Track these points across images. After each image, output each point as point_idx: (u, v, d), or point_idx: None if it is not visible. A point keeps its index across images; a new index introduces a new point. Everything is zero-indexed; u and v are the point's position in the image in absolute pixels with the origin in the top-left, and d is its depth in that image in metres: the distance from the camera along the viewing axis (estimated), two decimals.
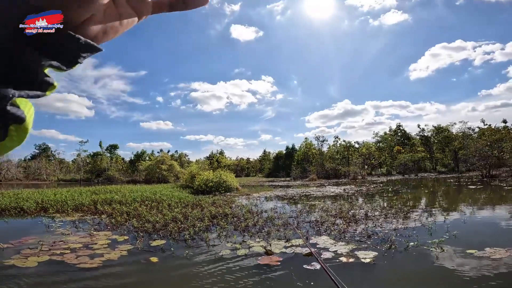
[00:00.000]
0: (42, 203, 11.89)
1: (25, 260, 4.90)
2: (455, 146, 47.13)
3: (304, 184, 31.50)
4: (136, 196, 13.85)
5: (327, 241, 6.05)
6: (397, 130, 60.32)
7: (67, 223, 8.73)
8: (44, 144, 64.69)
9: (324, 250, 5.42)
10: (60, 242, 6.18)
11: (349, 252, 5.27)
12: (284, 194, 18.54)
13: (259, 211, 10.19)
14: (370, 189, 20.78)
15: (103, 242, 6.13)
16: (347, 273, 4.41)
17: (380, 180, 35.17)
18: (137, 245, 5.91)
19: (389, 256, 5.09)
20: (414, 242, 5.75)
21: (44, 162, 53.76)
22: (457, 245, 5.48)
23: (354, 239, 6.26)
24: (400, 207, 10.68)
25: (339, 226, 7.45)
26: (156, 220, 8.14)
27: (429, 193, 18.92)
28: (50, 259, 5.01)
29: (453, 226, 7.08)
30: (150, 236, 6.82)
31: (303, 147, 57.02)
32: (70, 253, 5.37)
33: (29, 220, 9.72)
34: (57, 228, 7.85)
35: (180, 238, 6.61)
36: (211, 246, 5.90)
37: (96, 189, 18.38)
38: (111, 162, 57.26)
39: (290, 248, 5.60)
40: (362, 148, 57.92)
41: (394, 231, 6.87)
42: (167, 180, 42.58)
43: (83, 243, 6.10)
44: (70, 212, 10.62)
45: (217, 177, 20.96)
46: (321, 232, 6.99)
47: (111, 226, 7.99)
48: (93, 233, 7.04)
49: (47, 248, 5.65)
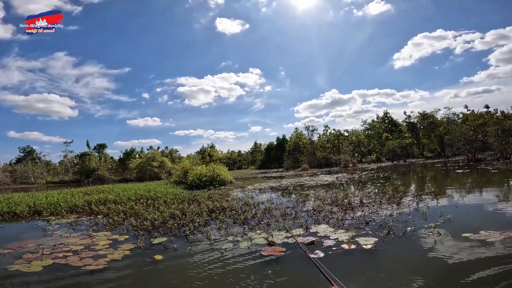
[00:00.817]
0: (35, 206, 11.65)
1: (29, 265, 4.82)
2: (440, 131, 48.36)
3: (297, 174, 31.81)
4: (130, 195, 13.71)
5: (327, 230, 6.19)
6: (384, 118, 61.35)
7: (63, 225, 8.61)
8: (29, 147, 62.90)
9: (325, 238, 5.55)
10: (60, 245, 6.09)
11: (349, 239, 5.41)
12: (278, 185, 18.71)
13: (256, 203, 10.27)
14: (362, 177, 21.19)
15: (104, 243, 6.08)
16: (351, 260, 4.56)
17: (370, 167, 35.87)
18: (138, 243, 5.90)
19: (389, 241, 5.26)
20: (411, 227, 5.95)
21: (30, 165, 52.31)
22: (452, 229, 5.67)
23: (353, 226, 6.42)
24: (393, 193, 10.96)
25: (337, 214, 7.61)
26: (154, 218, 8.11)
27: (419, 178, 19.47)
28: (54, 263, 4.95)
29: (446, 211, 7.29)
30: (150, 234, 6.81)
31: (294, 137, 57.33)
32: (73, 255, 5.30)
33: (23, 224, 9.53)
34: (54, 231, 7.74)
35: (180, 234, 6.63)
36: (212, 241, 5.94)
37: (87, 189, 18.08)
38: (100, 162, 56.22)
39: (291, 238, 5.71)
40: (352, 136, 58.73)
41: (390, 217, 7.07)
42: (159, 177, 42.21)
43: (84, 244, 6.04)
44: (64, 214, 10.45)
45: (210, 171, 20.93)
46: (320, 220, 7.14)
47: (109, 226, 7.92)
48: (92, 234, 6.97)
49: (49, 252, 5.57)
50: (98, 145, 60.28)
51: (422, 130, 54.64)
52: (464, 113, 50.08)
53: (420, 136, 54.70)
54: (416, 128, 55.18)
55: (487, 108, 48.53)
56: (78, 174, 51.37)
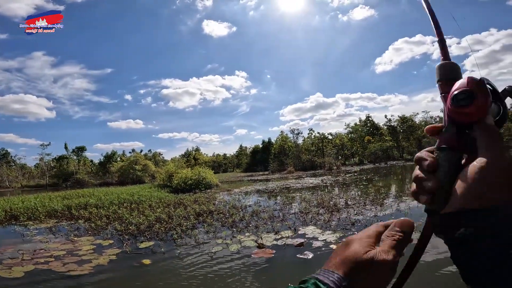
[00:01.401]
0: (11, 211, 11.12)
1: (10, 271, 4.61)
2: (418, 134, 50.27)
3: (283, 177, 32.02)
4: (112, 199, 13.34)
5: (314, 231, 6.28)
6: (366, 121, 63.02)
7: (42, 230, 8.27)
8: (3, 150, 59.74)
9: (313, 240, 5.63)
10: (41, 250, 5.84)
11: (337, 240, 5.53)
12: (264, 188, 18.76)
13: (243, 206, 10.27)
14: (346, 179, 21.62)
15: (87, 248, 5.89)
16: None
17: (353, 169, 36.64)
18: (124, 248, 5.76)
19: None
20: None
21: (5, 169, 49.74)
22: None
23: (340, 227, 6.55)
24: (376, 195, 11.27)
25: (323, 216, 7.74)
26: (139, 222, 7.94)
27: (400, 180, 20.10)
28: (35, 268, 4.75)
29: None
30: (136, 238, 6.66)
31: (279, 140, 57.79)
32: (55, 260, 5.10)
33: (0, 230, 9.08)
34: (33, 236, 7.43)
35: (167, 238, 6.52)
36: (201, 244, 5.88)
37: (66, 194, 17.44)
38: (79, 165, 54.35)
39: (280, 240, 5.75)
40: (336, 139, 59.88)
41: (375, 217, 7.27)
42: (142, 180, 41.31)
43: (66, 249, 5.82)
44: (43, 219, 10.02)
45: (196, 174, 20.73)
46: (307, 222, 7.23)
47: (92, 230, 7.67)
48: (74, 239, 6.72)
49: (29, 257, 5.33)
50: (77, 147, 58.36)
51: (401, 133, 56.54)
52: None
53: (400, 139, 56.56)
54: (396, 132, 57.04)
55: None
56: (56, 178, 49.39)
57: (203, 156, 72.29)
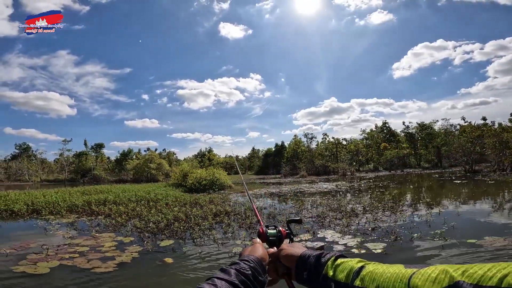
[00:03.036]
0: (33, 205, 11.46)
1: (35, 267, 4.64)
2: (438, 142, 48.78)
3: (296, 181, 31.80)
4: (130, 196, 13.62)
5: (334, 235, 6.20)
6: (383, 127, 61.79)
7: (64, 225, 8.47)
8: (25, 144, 62.10)
9: (334, 244, 5.55)
10: (64, 245, 5.95)
11: (358, 244, 5.44)
12: (278, 191, 18.68)
13: (259, 208, 10.25)
14: (362, 185, 21.25)
15: (110, 244, 5.98)
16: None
17: (368, 176, 35.98)
18: (145, 246, 5.83)
19: (397, 246, 5.30)
20: (417, 233, 5.99)
21: (25, 162, 51.64)
22: (457, 236, 5.73)
23: (359, 232, 6.43)
24: (395, 201, 11.02)
25: (342, 221, 7.62)
26: (158, 220, 8.05)
27: (419, 187, 19.57)
28: (61, 264, 4.79)
29: (448, 219, 7.38)
30: (155, 236, 6.72)
31: (293, 144, 57.46)
32: (80, 257, 5.16)
33: (22, 223, 9.30)
34: (56, 231, 7.61)
35: (186, 237, 6.57)
36: (220, 244, 5.90)
37: (85, 189, 17.92)
38: (96, 162, 55.79)
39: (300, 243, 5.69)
40: (350, 145, 58.98)
41: (395, 223, 7.11)
42: (156, 179, 41.97)
43: (89, 245, 5.92)
44: (64, 214, 10.30)
45: (210, 175, 20.88)
46: (326, 226, 7.15)
47: (112, 227, 7.82)
48: (96, 235, 6.86)
49: (54, 253, 5.41)
50: (96, 144, 59.86)
51: (420, 141, 55.01)
52: (462, 124, 50.63)
53: (418, 147, 55.07)
54: (414, 139, 55.56)
55: (484, 120, 49.17)
56: (74, 173, 50.84)
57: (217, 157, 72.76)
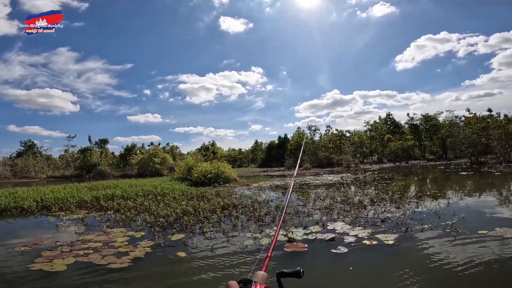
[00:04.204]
0: (43, 201, 11.56)
1: (51, 264, 4.65)
2: (443, 134, 48.35)
3: (300, 173, 31.79)
4: (137, 191, 13.70)
5: (344, 227, 6.22)
6: (387, 119, 61.36)
7: (75, 221, 8.52)
8: (30, 141, 62.49)
9: (344, 235, 5.58)
10: (78, 241, 5.99)
11: (369, 235, 5.45)
12: (283, 183, 18.72)
13: (265, 201, 10.28)
14: (367, 177, 21.23)
15: (122, 240, 6.01)
16: (377, 253, 4.64)
17: (373, 168, 35.90)
18: (157, 240, 5.86)
19: (409, 237, 5.32)
20: (428, 225, 5.99)
21: (31, 159, 52.07)
22: (468, 227, 5.71)
23: (369, 223, 6.45)
24: (402, 193, 11.00)
25: (350, 212, 7.64)
26: (167, 214, 8.11)
27: (425, 179, 19.52)
28: (76, 261, 4.79)
29: (458, 210, 7.36)
30: (166, 230, 6.74)
31: (296, 136, 57.32)
32: (94, 253, 5.18)
33: (32, 220, 9.36)
34: (67, 227, 7.67)
35: (196, 231, 6.60)
36: (230, 238, 5.93)
37: (92, 185, 18.04)
38: (101, 157, 56.11)
39: (310, 235, 5.73)
40: (354, 136, 58.71)
41: (404, 215, 7.10)
42: (160, 173, 42.16)
43: (102, 241, 5.95)
44: (74, 210, 10.39)
45: (215, 168, 20.94)
46: (335, 218, 7.17)
47: (123, 222, 7.87)
48: (107, 231, 6.91)
49: (68, 249, 5.42)
50: (100, 140, 60.03)
51: (424, 132, 54.57)
52: (466, 116, 50.12)
53: (422, 138, 54.68)
54: (419, 130, 55.10)
55: (490, 111, 48.60)
56: (79, 169, 51.19)
57: (222, 150, 72.85)
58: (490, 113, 48.20)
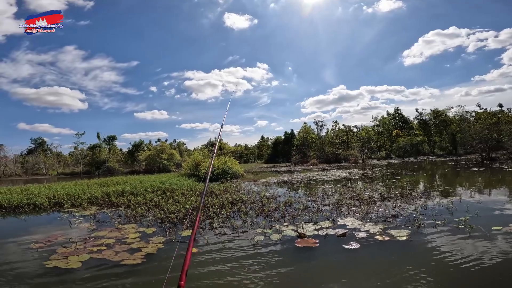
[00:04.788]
0: (55, 198, 11.71)
1: (67, 261, 4.68)
2: (452, 129, 47.57)
3: (307, 169, 31.72)
4: (146, 187, 13.84)
5: (354, 222, 6.18)
6: (395, 114, 60.60)
7: (87, 217, 8.59)
8: (40, 138, 63.62)
9: (356, 231, 5.53)
10: (91, 238, 6.04)
11: (381, 231, 5.40)
12: (291, 179, 18.69)
13: (274, 196, 10.27)
14: (375, 172, 21.04)
15: (134, 236, 6.06)
16: (390, 249, 4.61)
17: (381, 163, 35.57)
18: (168, 236, 5.90)
19: (422, 233, 5.26)
20: (441, 220, 5.91)
21: (42, 157, 53.06)
22: (481, 223, 5.60)
23: (380, 219, 6.39)
24: (412, 189, 10.87)
25: (361, 208, 7.58)
26: (177, 210, 8.16)
27: (435, 175, 19.26)
28: (91, 258, 4.81)
29: (470, 206, 7.24)
30: (176, 226, 6.80)
31: (303, 132, 57.05)
32: (107, 249, 5.21)
33: (45, 217, 9.45)
34: (80, 223, 7.75)
35: (206, 226, 6.63)
36: (241, 233, 5.95)
37: (102, 181, 18.27)
38: (109, 154, 56.84)
39: (321, 230, 5.71)
40: (362, 132, 58.16)
41: (415, 211, 7.01)
42: (168, 169, 42.56)
43: (114, 237, 6.00)
44: (85, 206, 10.53)
45: (222, 164, 21.01)
46: (345, 214, 7.13)
47: (134, 218, 7.93)
48: (119, 227, 6.98)
49: (82, 246, 5.46)
50: (108, 137, 60.69)
51: (433, 128, 53.72)
52: (477, 111, 49.16)
53: (432, 134, 53.86)
54: (428, 126, 54.27)
55: (501, 106, 47.60)
56: (89, 166, 51.99)
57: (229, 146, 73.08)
58: (501, 108, 47.23)
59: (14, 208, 10.52)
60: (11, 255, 5.30)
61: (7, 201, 10.96)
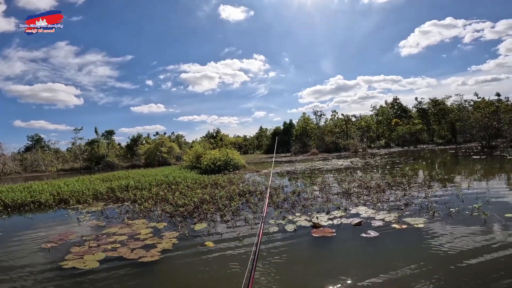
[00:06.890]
0: (59, 194, 11.56)
1: (83, 261, 4.55)
2: (451, 118, 47.70)
3: (307, 158, 31.76)
4: (150, 180, 13.76)
5: (367, 211, 6.16)
6: (393, 103, 60.54)
7: (94, 213, 8.46)
8: (37, 135, 62.97)
9: (371, 219, 5.52)
10: (103, 235, 5.92)
11: (396, 219, 5.38)
12: (293, 169, 18.67)
13: (280, 187, 10.22)
14: (377, 161, 21.07)
15: (146, 231, 5.96)
16: (410, 237, 4.61)
17: (381, 152, 35.67)
18: (180, 230, 5.81)
19: (438, 220, 5.26)
20: (455, 208, 5.90)
21: (40, 153, 52.61)
22: (494, 210, 5.61)
23: (393, 208, 6.37)
24: (418, 177, 10.87)
25: (371, 197, 7.56)
26: (185, 203, 8.10)
27: (438, 163, 19.30)
28: (107, 256, 4.70)
29: (480, 194, 7.25)
30: (186, 220, 6.70)
31: (301, 122, 56.87)
32: (122, 246, 5.10)
33: (51, 214, 9.23)
34: (88, 220, 7.60)
35: (217, 219, 6.56)
36: (253, 225, 5.90)
37: (104, 176, 18.13)
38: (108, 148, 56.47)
39: (335, 220, 5.68)
40: (361, 121, 58.10)
41: (426, 199, 7.00)
42: (168, 162, 42.46)
43: (126, 234, 5.89)
44: (91, 202, 10.43)
45: (224, 155, 20.93)
46: (356, 203, 7.10)
47: (142, 213, 7.80)
48: (129, 222, 6.87)
49: (95, 244, 5.34)
50: (106, 131, 60.12)
51: (432, 116, 53.80)
52: (475, 100, 49.28)
53: (431, 122, 53.96)
54: (427, 114, 54.33)
55: (498, 96, 47.80)
56: (88, 161, 51.70)
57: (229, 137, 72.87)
58: (499, 97, 47.44)
59: (18, 206, 10.30)
60: (24, 257, 5.05)
61: (11, 199, 10.70)
